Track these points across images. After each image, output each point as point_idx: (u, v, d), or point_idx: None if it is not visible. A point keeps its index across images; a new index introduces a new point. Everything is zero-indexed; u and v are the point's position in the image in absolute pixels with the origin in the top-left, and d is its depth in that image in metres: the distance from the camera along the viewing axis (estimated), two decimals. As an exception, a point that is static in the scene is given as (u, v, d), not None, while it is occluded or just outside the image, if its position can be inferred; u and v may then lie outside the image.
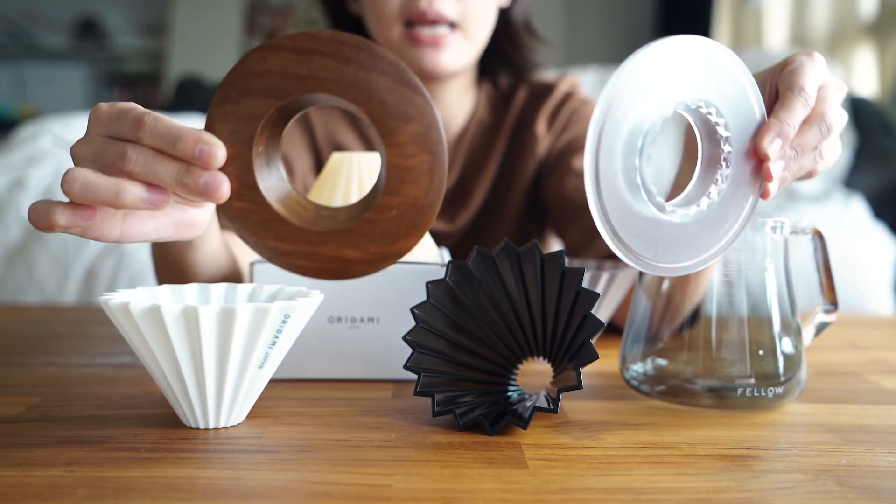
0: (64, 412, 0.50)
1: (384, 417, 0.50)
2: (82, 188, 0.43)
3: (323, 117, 0.92)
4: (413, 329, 0.51)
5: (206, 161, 0.42)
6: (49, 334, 0.76)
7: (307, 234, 0.43)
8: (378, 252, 0.43)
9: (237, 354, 0.45)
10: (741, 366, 0.52)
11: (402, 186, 0.42)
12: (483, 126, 0.95)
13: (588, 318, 0.48)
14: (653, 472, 0.42)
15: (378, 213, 0.42)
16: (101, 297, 0.46)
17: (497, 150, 0.94)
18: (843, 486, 0.40)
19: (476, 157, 0.94)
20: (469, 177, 0.94)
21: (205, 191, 0.42)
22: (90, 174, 0.43)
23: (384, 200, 0.42)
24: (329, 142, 0.92)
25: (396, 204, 0.42)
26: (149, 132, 0.43)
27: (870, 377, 0.63)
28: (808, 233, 0.55)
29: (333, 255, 0.43)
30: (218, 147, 0.42)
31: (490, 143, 0.94)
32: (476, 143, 0.94)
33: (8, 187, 1.61)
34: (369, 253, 0.43)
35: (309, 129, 0.92)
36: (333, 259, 0.43)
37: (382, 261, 0.43)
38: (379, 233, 0.43)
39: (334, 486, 0.39)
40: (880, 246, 1.63)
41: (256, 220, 0.44)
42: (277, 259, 0.44)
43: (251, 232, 0.44)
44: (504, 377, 0.52)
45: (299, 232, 0.43)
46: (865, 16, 2.93)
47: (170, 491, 0.38)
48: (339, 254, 0.43)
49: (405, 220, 0.42)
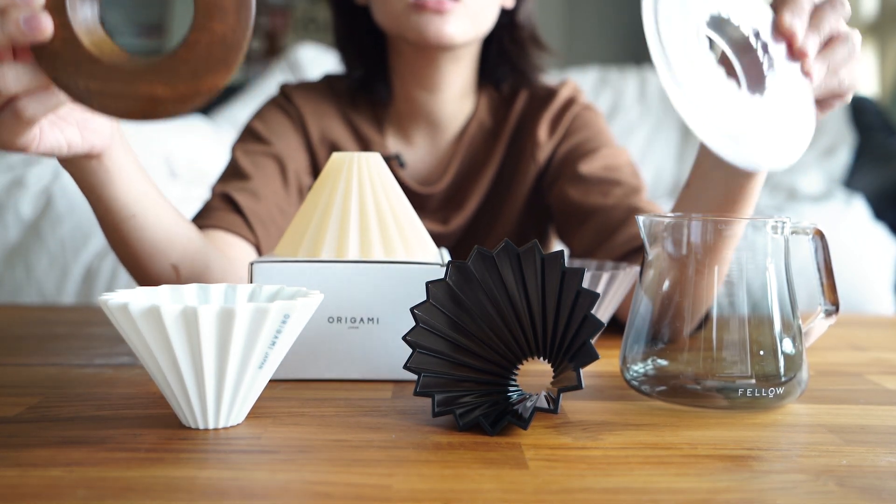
0: (63, 412, 0.50)
1: (384, 417, 0.50)
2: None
3: (317, 119, 0.92)
4: (413, 329, 0.51)
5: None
6: (48, 334, 0.76)
7: (117, 72, 0.44)
8: (187, 89, 0.44)
9: (237, 355, 0.45)
10: (742, 366, 0.52)
11: (210, 23, 0.43)
12: (483, 129, 0.94)
13: (588, 318, 0.48)
14: (653, 472, 0.42)
15: (186, 50, 0.44)
16: (100, 298, 0.46)
17: (496, 153, 0.93)
18: (844, 487, 0.40)
19: (475, 159, 0.94)
20: (465, 179, 0.94)
21: (28, 28, 0.43)
22: None
23: (192, 37, 0.44)
24: (323, 141, 0.92)
25: (205, 40, 0.43)
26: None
27: (871, 377, 0.63)
28: (809, 233, 0.55)
29: (143, 94, 0.44)
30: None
31: (490, 146, 0.94)
32: (475, 145, 0.94)
33: (6, 187, 1.61)
34: (178, 91, 0.44)
35: (303, 130, 0.91)
36: (144, 98, 0.44)
37: (191, 98, 0.44)
38: (188, 70, 0.44)
39: (334, 486, 0.39)
40: (881, 246, 1.63)
41: (69, 59, 0.44)
42: (88, 100, 0.45)
43: (64, 74, 0.44)
44: (504, 377, 0.52)
45: (109, 70, 0.44)
46: (866, 15, 2.93)
47: (169, 491, 0.38)
48: (149, 91, 0.44)
49: (213, 57, 0.44)
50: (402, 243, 0.61)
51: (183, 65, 0.44)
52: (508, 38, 0.93)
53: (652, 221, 0.55)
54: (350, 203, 0.60)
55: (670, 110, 2.37)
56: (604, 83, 2.43)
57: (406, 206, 0.63)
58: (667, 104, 2.37)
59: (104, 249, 1.52)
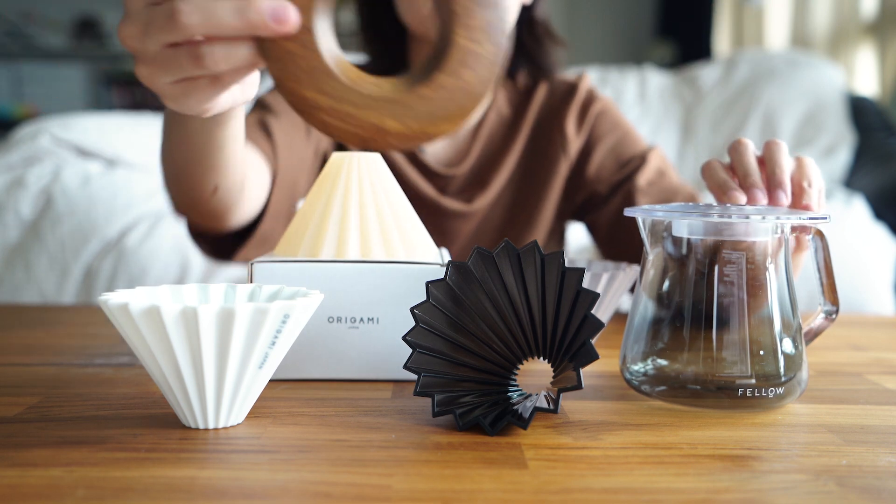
0: (63, 412, 0.50)
1: (384, 417, 0.50)
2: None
3: None
4: (413, 329, 0.51)
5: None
6: (48, 334, 0.76)
7: (352, 94, 0.41)
8: (418, 129, 0.42)
9: (237, 354, 0.45)
10: (742, 366, 0.52)
11: (462, 70, 0.41)
12: (502, 118, 0.98)
13: (588, 318, 0.48)
14: (653, 472, 0.42)
15: (431, 89, 0.41)
16: (100, 298, 0.46)
17: (517, 142, 0.97)
18: (844, 487, 0.40)
19: (495, 146, 0.98)
20: (486, 164, 0.97)
21: (274, 18, 0.39)
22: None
23: (440, 79, 0.41)
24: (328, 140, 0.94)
25: (450, 85, 0.41)
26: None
27: (871, 377, 0.63)
28: (810, 233, 0.55)
29: (372, 123, 0.41)
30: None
31: (510, 135, 0.98)
32: (494, 133, 0.98)
33: (6, 187, 1.61)
34: (408, 128, 0.41)
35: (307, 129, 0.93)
36: (371, 127, 0.41)
37: (417, 138, 0.42)
38: (425, 111, 0.41)
39: (334, 486, 0.39)
40: (881, 246, 1.63)
41: (302, 65, 0.41)
42: (309, 113, 0.42)
43: (291, 78, 0.41)
44: (504, 377, 0.52)
45: (345, 90, 0.41)
46: (866, 15, 2.93)
47: (169, 491, 0.38)
48: (378, 122, 0.41)
49: (455, 103, 0.41)
50: (402, 243, 0.61)
51: (422, 104, 0.41)
52: (526, 33, 0.97)
53: (652, 221, 0.55)
54: (350, 203, 0.60)
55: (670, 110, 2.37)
56: (604, 83, 2.44)
57: (406, 205, 0.63)
58: (667, 104, 2.37)
59: (104, 249, 1.52)
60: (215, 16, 0.40)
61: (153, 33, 0.41)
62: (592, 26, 3.95)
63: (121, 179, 1.64)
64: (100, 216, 1.56)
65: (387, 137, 0.42)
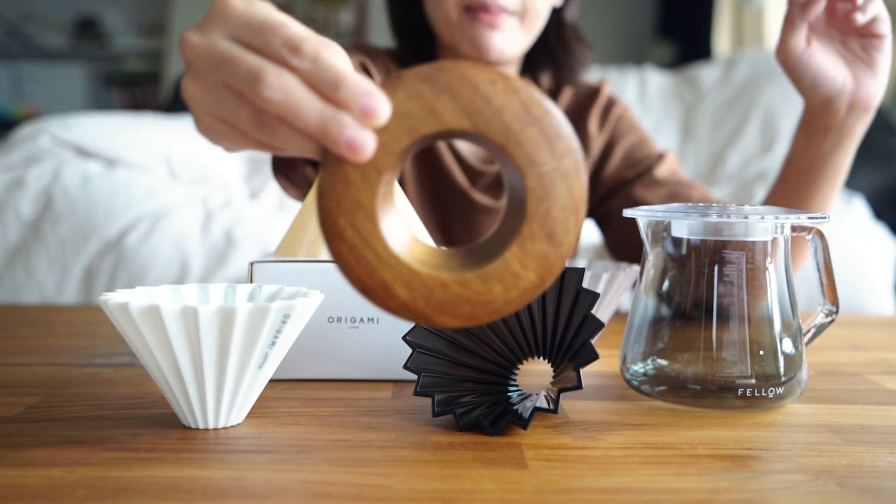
0: (63, 412, 0.50)
1: (384, 417, 0.50)
2: None
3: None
4: (413, 329, 0.51)
5: (369, 115, 0.35)
6: (48, 334, 0.76)
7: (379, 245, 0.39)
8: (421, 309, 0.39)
9: (237, 354, 0.45)
10: (742, 366, 0.52)
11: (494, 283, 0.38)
12: None
13: (588, 318, 0.48)
14: (653, 472, 0.42)
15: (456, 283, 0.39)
16: (100, 297, 0.46)
17: None
18: (844, 487, 0.40)
19: None
20: None
21: (349, 144, 0.36)
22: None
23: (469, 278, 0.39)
24: None
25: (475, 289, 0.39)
26: (308, 61, 0.36)
27: (871, 377, 0.63)
28: (810, 233, 0.55)
29: (383, 280, 0.39)
30: (385, 106, 0.36)
31: None
32: None
33: (6, 187, 1.61)
34: (414, 304, 0.39)
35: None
36: (380, 283, 0.39)
37: (415, 317, 0.39)
38: (439, 298, 0.39)
39: (334, 486, 0.39)
40: (881, 246, 1.63)
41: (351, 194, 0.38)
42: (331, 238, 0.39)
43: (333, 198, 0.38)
44: (504, 377, 0.52)
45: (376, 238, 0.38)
46: (865, 16, 2.92)
47: (169, 491, 0.38)
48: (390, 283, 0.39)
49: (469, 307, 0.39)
50: (402, 243, 0.61)
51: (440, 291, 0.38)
52: (555, 36, 0.98)
53: (652, 221, 0.55)
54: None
55: (670, 110, 2.37)
56: (604, 83, 2.43)
57: (406, 205, 0.63)
58: (667, 104, 2.37)
59: (104, 249, 1.52)
60: (297, 108, 0.36)
61: (225, 71, 0.38)
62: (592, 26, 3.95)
63: (121, 179, 1.64)
64: (100, 216, 1.56)
65: (388, 300, 0.39)
